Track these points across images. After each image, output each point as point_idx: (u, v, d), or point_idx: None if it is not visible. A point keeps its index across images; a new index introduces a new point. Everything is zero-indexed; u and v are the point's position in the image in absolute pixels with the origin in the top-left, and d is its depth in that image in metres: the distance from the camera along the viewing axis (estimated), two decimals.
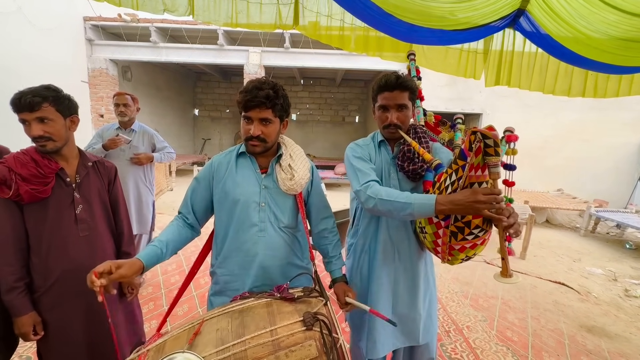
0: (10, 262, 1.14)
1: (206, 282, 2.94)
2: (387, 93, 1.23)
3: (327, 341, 0.75)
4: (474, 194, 0.92)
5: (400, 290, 1.31)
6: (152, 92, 8.89)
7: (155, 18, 6.16)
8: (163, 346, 0.80)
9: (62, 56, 5.71)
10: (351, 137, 12.16)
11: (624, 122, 6.53)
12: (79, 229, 1.24)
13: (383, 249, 1.29)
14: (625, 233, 5.42)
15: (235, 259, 1.13)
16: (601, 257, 4.32)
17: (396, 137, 1.28)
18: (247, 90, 1.06)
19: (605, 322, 2.70)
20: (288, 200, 1.17)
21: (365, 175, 1.19)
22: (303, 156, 1.22)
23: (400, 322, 1.32)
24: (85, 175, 1.29)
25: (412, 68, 1.63)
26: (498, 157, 0.89)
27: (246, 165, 1.16)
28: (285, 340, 0.74)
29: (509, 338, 2.37)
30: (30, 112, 1.10)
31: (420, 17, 1.86)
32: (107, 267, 0.86)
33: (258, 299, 0.90)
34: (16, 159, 1.13)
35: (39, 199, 1.15)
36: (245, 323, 0.80)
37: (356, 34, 2.39)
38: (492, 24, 1.98)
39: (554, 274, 3.62)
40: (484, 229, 0.99)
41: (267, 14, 2.10)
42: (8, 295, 1.13)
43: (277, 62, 6.67)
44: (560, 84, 2.60)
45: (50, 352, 1.24)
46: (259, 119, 1.07)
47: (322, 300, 0.88)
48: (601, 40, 1.89)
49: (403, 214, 1.05)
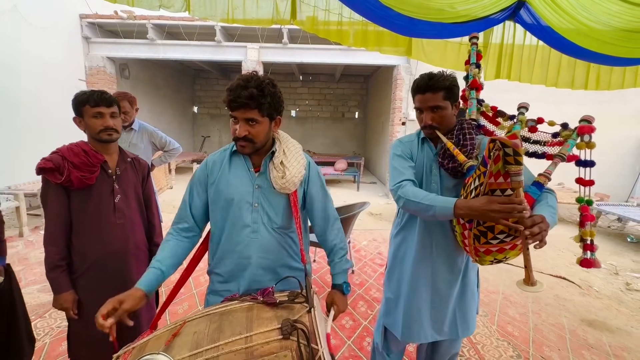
0: (57, 242, 1.29)
1: (206, 280, 2.92)
2: (420, 95, 1.25)
3: (304, 353, 0.68)
4: (489, 203, 0.93)
5: (439, 282, 1.33)
6: (150, 90, 8.85)
7: (151, 15, 6.10)
8: (145, 345, 0.79)
9: (59, 54, 5.66)
10: (351, 133, 12.20)
11: (626, 115, 6.48)
12: (116, 216, 1.38)
13: (421, 240, 1.32)
14: (627, 226, 5.40)
15: (229, 261, 1.11)
16: (602, 251, 4.31)
17: (435, 136, 1.28)
18: (232, 88, 1.01)
19: (607, 316, 2.69)
20: (282, 200, 1.13)
21: (400, 174, 1.24)
22: (298, 152, 1.16)
23: (439, 314, 1.34)
24: (124, 169, 1.45)
25: (472, 54, 1.45)
26: (519, 166, 0.87)
27: (239, 164, 1.13)
28: (260, 348, 0.70)
29: (510, 333, 2.37)
30: (107, 107, 1.34)
31: (419, 10, 1.83)
32: (111, 307, 0.87)
33: (242, 302, 0.87)
34: (69, 149, 1.31)
35: (85, 186, 1.30)
36: (222, 327, 0.77)
37: (355, 28, 2.36)
38: (492, 16, 1.95)
39: (555, 269, 3.62)
40: (511, 235, 0.97)
41: (264, 9, 2.07)
42: (52, 272, 1.28)
43: (275, 58, 6.62)
44: (563, 76, 2.56)
45: (81, 334, 1.35)
46: (244, 119, 1.02)
47: (306, 307, 0.83)
48: (603, 32, 1.86)
49: (427, 214, 1.11)
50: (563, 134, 1.19)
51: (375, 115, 9.83)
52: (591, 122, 1.10)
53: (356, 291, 2.91)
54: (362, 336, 2.25)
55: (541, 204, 1.07)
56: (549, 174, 1.11)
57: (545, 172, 1.12)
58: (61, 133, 5.55)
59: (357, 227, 4.56)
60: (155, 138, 2.67)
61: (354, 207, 3.22)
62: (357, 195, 7.18)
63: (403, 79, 6.53)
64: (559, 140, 1.19)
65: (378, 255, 3.81)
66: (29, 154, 4.96)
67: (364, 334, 2.27)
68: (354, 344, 2.16)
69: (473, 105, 1.38)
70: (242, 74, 1.05)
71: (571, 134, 1.15)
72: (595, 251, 1.15)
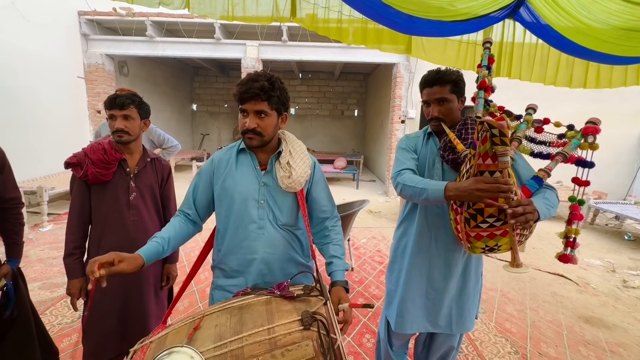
0: (73, 231, 1.38)
1: (206, 277, 2.95)
2: (428, 89, 1.32)
3: (324, 342, 0.73)
4: (475, 182, 0.97)
5: (435, 275, 1.36)
6: (149, 88, 8.81)
7: (150, 12, 6.07)
8: (165, 339, 0.81)
9: (58, 51, 5.63)
10: (350, 131, 12.19)
11: (624, 113, 6.49)
12: (130, 213, 1.43)
13: (419, 232, 1.37)
14: (624, 224, 5.43)
15: (235, 256, 1.12)
16: (600, 249, 4.34)
17: (441, 129, 1.33)
18: (243, 82, 1.05)
19: (604, 313, 2.72)
20: (288, 198, 1.15)
21: (401, 164, 1.31)
22: (304, 152, 1.19)
23: (433, 307, 1.37)
24: (143, 168, 1.49)
25: (484, 57, 1.49)
26: (505, 147, 0.90)
27: (246, 162, 1.14)
28: (282, 339, 0.73)
29: (507, 329, 2.39)
30: (119, 110, 1.38)
31: (419, 8, 1.83)
32: (111, 258, 0.88)
33: (258, 295, 0.90)
34: (92, 147, 1.39)
35: (102, 181, 1.38)
36: (243, 320, 0.79)
37: (354, 26, 2.35)
38: (492, 14, 1.95)
39: (552, 266, 3.64)
40: (501, 219, 0.99)
41: (263, 6, 2.07)
42: (67, 259, 1.37)
43: (274, 55, 6.60)
44: (562, 74, 2.57)
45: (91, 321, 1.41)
46: (254, 112, 1.05)
47: (322, 300, 0.87)
48: (602, 30, 1.86)
49: (421, 198, 1.16)
50: (569, 135, 1.20)
51: (375, 113, 9.82)
52: (597, 124, 1.12)
53: (355, 288, 2.92)
54: (361, 332, 2.27)
55: (537, 196, 1.11)
56: (549, 170, 1.13)
57: (546, 168, 1.14)
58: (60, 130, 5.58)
59: (356, 224, 4.57)
60: (153, 135, 2.67)
61: (353, 204, 3.24)
62: (356, 193, 7.19)
63: (402, 77, 6.52)
64: (564, 141, 1.21)
65: (377, 253, 3.83)
66: (27, 152, 4.96)
67: (363, 330, 2.29)
68: (353, 340, 2.17)
69: (480, 104, 1.41)
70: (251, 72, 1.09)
71: (576, 135, 1.17)
72: (576, 248, 1.19)
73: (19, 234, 1.41)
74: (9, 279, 1.35)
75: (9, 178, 1.35)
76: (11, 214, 1.37)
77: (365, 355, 2.03)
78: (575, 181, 1.17)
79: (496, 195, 0.93)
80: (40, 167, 5.07)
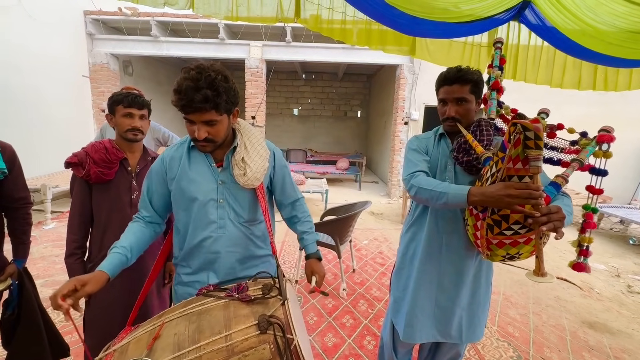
0: (74, 231, 1.38)
1: None
2: (447, 87, 1.25)
3: (280, 343, 0.75)
4: (505, 188, 0.91)
5: (445, 282, 1.31)
6: (153, 87, 8.85)
7: (155, 12, 6.11)
8: (127, 348, 0.80)
9: (63, 51, 5.68)
10: (353, 132, 12.18)
11: (629, 117, 6.44)
12: (132, 212, 1.40)
13: (429, 237, 1.31)
14: (629, 229, 5.38)
15: (196, 255, 1.09)
16: (604, 253, 4.30)
17: (455, 130, 1.27)
18: (181, 90, 0.91)
19: (608, 318, 2.69)
20: (248, 194, 1.10)
21: (414, 165, 1.25)
22: (260, 144, 1.12)
23: (443, 315, 1.32)
24: (144, 167, 1.49)
25: (495, 57, 1.45)
26: (539, 151, 0.85)
27: (200, 160, 1.07)
28: (240, 345, 0.74)
29: (510, 334, 2.37)
30: (139, 109, 1.42)
31: (423, 9, 1.82)
32: (72, 286, 0.83)
33: (217, 299, 0.89)
34: (93, 146, 1.39)
35: (104, 181, 1.38)
36: (201, 328, 0.80)
37: (358, 27, 2.35)
38: (497, 16, 1.94)
39: (556, 270, 3.61)
40: (526, 227, 0.94)
41: (267, 6, 2.07)
42: (68, 259, 1.36)
43: (278, 56, 6.61)
44: (569, 77, 2.54)
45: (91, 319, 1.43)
46: (202, 122, 0.95)
47: (280, 300, 0.87)
48: (608, 33, 1.85)
49: (439, 202, 1.09)
50: (581, 142, 1.17)
51: (378, 115, 9.81)
52: (610, 132, 1.10)
53: (357, 290, 2.91)
54: (362, 335, 2.25)
55: (556, 203, 1.06)
56: (566, 177, 1.09)
57: (564, 174, 1.09)
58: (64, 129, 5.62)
59: (358, 226, 4.56)
60: (158, 134, 2.68)
61: (356, 206, 3.22)
62: (358, 195, 7.18)
63: (406, 79, 6.51)
64: (577, 148, 1.18)
65: (379, 255, 3.81)
66: (31, 150, 5.00)
67: (364, 332, 2.28)
68: (354, 343, 2.16)
69: (493, 105, 1.37)
70: (188, 67, 0.94)
71: (589, 142, 1.14)
72: (589, 257, 1.16)
73: (26, 233, 1.42)
74: (15, 278, 1.36)
75: (19, 177, 1.36)
76: (20, 213, 1.38)
77: (366, 358, 2.02)
78: (589, 189, 1.15)
79: (526, 201, 0.89)
80: (44, 165, 5.11)
